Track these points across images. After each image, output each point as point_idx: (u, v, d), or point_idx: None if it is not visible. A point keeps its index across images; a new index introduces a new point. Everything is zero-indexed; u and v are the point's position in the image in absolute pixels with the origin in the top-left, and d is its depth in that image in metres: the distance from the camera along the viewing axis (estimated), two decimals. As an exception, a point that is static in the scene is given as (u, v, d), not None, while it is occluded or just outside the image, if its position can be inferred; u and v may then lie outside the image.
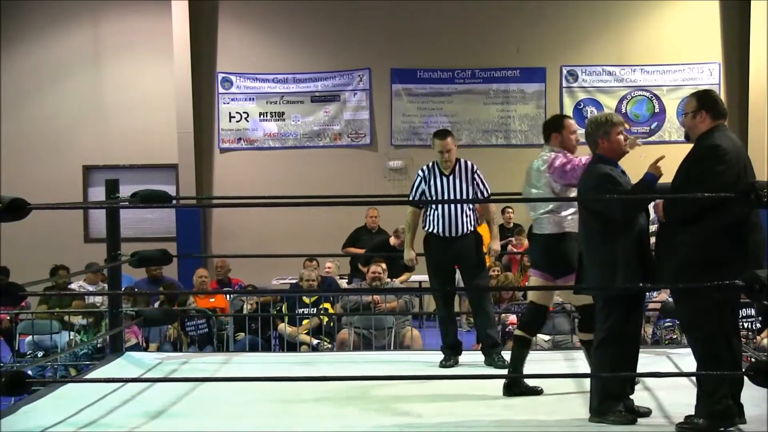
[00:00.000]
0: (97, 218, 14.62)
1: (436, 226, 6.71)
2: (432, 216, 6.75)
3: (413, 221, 6.88)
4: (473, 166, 6.80)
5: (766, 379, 4.46)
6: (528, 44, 14.98)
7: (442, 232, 6.69)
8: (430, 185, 6.73)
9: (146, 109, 15.19)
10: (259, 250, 13.60)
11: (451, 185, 6.72)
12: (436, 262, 6.82)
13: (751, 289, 4.47)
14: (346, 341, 9.06)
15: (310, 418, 5.29)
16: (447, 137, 6.76)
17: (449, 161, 6.72)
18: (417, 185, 6.80)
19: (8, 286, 4.66)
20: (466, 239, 6.72)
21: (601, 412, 4.91)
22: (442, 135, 6.79)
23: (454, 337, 6.85)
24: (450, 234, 6.69)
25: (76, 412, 5.42)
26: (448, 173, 6.74)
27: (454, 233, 6.69)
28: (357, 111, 15.18)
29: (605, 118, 5.12)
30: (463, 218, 6.70)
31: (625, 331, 4.90)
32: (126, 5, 15.15)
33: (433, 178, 6.74)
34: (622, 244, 4.85)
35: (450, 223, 6.68)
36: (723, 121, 4.84)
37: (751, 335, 8.78)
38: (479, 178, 6.78)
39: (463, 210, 6.69)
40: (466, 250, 6.73)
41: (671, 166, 4.82)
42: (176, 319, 9.21)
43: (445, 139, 6.73)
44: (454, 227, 6.68)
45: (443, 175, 6.74)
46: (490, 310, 6.83)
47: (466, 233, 6.71)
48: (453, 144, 6.76)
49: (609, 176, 4.94)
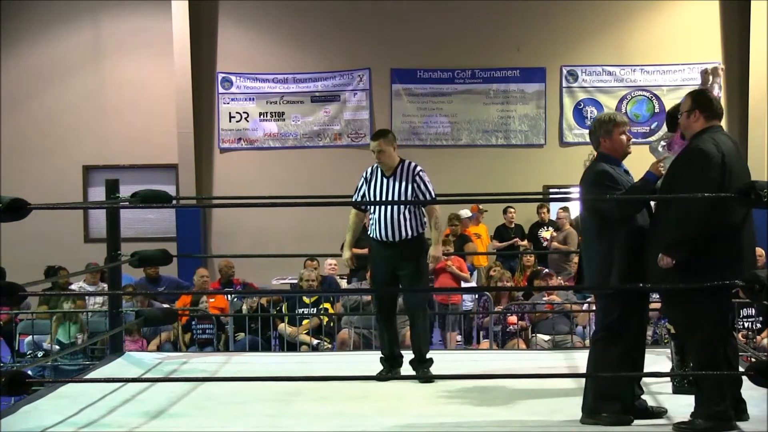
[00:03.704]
0: (97, 218, 14.62)
1: (375, 230, 6.42)
2: (373, 219, 6.45)
3: (354, 222, 6.67)
4: (416, 167, 6.43)
5: (766, 379, 4.46)
6: (528, 44, 14.98)
7: (380, 236, 6.39)
8: (370, 186, 6.46)
9: (146, 109, 15.20)
10: (259, 250, 13.59)
11: (390, 187, 6.39)
12: (374, 266, 6.56)
13: (751, 289, 4.47)
14: (346, 341, 9.07)
15: (310, 418, 5.29)
16: (379, 138, 6.43)
17: (382, 163, 6.40)
18: (359, 187, 6.54)
19: (8, 286, 4.65)
20: (404, 245, 6.35)
21: (595, 411, 4.90)
22: (375, 136, 6.51)
23: (392, 348, 6.51)
24: (388, 238, 6.36)
25: (76, 412, 5.43)
26: (389, 174, 6.42)
27: (392, 238, 6.35)
28: (357, 111, 15.18)
29: (609, 117, 5.13)
30: (403, 222, 6.33)
31: (624, 330, 4.89)
32: (126, 5, 15.16)
33: (374, 180, 6.46)
34: (618, 242, 4.85)
35: (387, 227, 6.34)
36: (718, 122, 4.85)
37: (751, 335, 8.79)
38: (421, 180, 6.38)
39: (402, 213, 6.33)
40: (403, 256, 6.36)
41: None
42: (176, 319, 9.21)
43: (376, 140, 6.42)
44: (391, 231, 6.34)
45: (384, 176, 6.44)
46: (424, 324, 6.50)
47: (405, 238, 6.34)
48: (387, 145, 6.39)
49: (607, 174, 4.94)
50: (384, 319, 6.55)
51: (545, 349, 8.69)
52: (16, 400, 6.05)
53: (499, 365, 6.89)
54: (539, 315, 9.46)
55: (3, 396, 4.90)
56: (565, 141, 14.97)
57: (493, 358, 7.62)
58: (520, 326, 9.31)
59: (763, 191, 4.43)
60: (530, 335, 9.28)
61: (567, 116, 15.03)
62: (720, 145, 4.68)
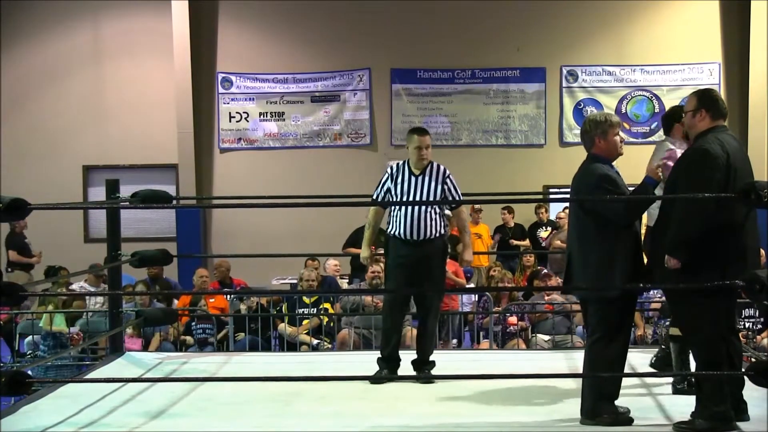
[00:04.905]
0: (97, 218, 14.62)
1: (400, 228, 6.28)
2: (396, 217, 6.32)
3: (375, 220, 6.47)
4: (446, 170, 6.37)
5: (766, 380, 4.46)
6: (528, 44, 14.98)
7: (405, 234, 6.26)
8: (397, 183, 6.32)
9: (146, 109, 15.20)
10: (259, 250, 13.59)
11: (419, 185, 6.30)
12: (395, 265, 6.35)
13: (751, 289, 4.47)
14: (346, 341, 9.06)
15: (310, 418, 5.29)
16: (426, 134, 6.39)
17: (425, 159, 6.31)
18: (383, 183, 6.39)
19: (8, 286, 4.65)
20: (430, 244, 6.28)
21: (595, 413, 4.89)
22: (422, 131, 6.42)
23: (395, 349, 6.37)
24: (414, 237, 6.25)
25: (76, 412, 5.43)
26: (418, 173, 6.34)
27: (418, 237, 6.24)
28: (357, 111, 15.18)
29: (604, 117, 5.10)
30: (429, 221, 6.25)
31: (620, 331, 4.91)
32: (126, 5, 15.16)
33: (401, 176, 6.33)
34: (618, 244, 4.85)
35: (415, 225, 6.24)
36: (723, 121, 4.84)
37: (751, 335, 8.79)
38: (452, 183, 6.34)
39: (429, 213, 6.25)
40: (428, 256, 6.27)
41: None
42: (176, 319, 9.21)
43: (424, 135, 6.35)
44: (417, 230, 6.24)
45: (413, 174, 6.33)
46: (434, 326, 6.46)
47: (431, 237, 6.26)
48: (430, 142, 6.40)
49: (608, 177, 4.93)
50: (394, 320, 6.42)
51: (545, 349, 8.69)
52: (16, 400, 6.05)
53: (499, 365, 6.89)
54: (539, 315, 9.46)
55: (3, 396, 4.89)
56: (565, 141, 14.98)
57: (493, 358, 7.62)
58: (520, 326, 9.31)
59: (763, 191, 4.43)
60: (530, 335, 9.28)
61: (567, 116, 15.03)
62: (725, 145, 4.68)
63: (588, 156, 5.10)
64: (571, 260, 5.07)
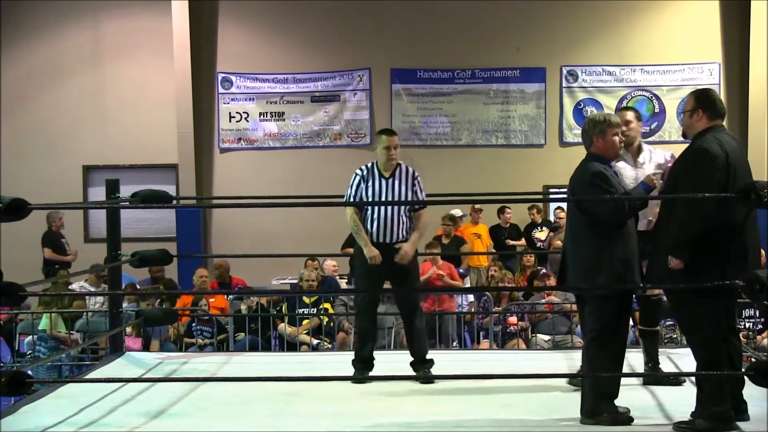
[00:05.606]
0: (97, 218, 14.62)
1: (371, 231, 6.36)
2: (368, 219, 6.39)
3: (359, 220, 6.43)
4: (414, 172, 6.47)
5: (766, 379, 4.46)
6: (528, 44, 14.98)
7: (375, 236, 6.34)
8: (368, 185, 6.40)
9: (146, 109, 15.20)
10: (259, 250, 13.59)
11: (390, 188, 6.38)
12: (367, 268, 6.37)
13: (751, 289, 4.47)
14: (346, 341, 9.06)
15: (310, 418, 5.29)
16: (395, 134, 6.50)
17: (394, 159, 6.38)
18: (356, 184, 6.45)
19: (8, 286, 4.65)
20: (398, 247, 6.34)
21: (595, 412, 4.89)
22: (391, 132, 6.54)
23: (371, 351, 6.43)
24: (384, 239, 6.33)
25: (76, 412, 5.43)
26: (388, 176, 6.41)
27: (389, 239, 6.33)
28: (357, 111, 15.18)
29: (603, 117, 5.12)
30: (400, 224, 6.35)
31: (617, 331, 4.92)
32: (126, 5, 15.16)
33: (372, 179, 6.41)
34: (609, 243, 4.85)
35: (385, 228, 6.33)
36: (720, 121, 4.84)
37: (751, 335, 8.80)
38: (419, 185, 6.43)
39: (400, 216, 6.35)
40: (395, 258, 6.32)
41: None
42: (176, 319, 9.21)
43: (393, 136, 6.44)
44: (389, 232, 6.33)
45: (383, 177, 6.41)
46: (420, 324, 6.47)
47: (400, 240, 6.34)
48: (398, 143, 6.49)
49: (603, 175, 4.94)
50: (371, 321, 6.53)
51: (545, 349, 8.70)
52: (16, 400, 6.05)
53: (499, 365, 6.89)
54: (539, 315, 9.46)
55: (3, 396, 4.89)
56: (565, 141, 14.98)
57: (493, 358, 7.62)
58: (520, 326, 9.31)
59: (763, 191, 4.43)
60: (530, 335, 9.28)
61: (567, 116, 15.03)
62: (724, 145, 4.68)
63: (587, 155, 5.13)
64: (565, 258, 5.09)
